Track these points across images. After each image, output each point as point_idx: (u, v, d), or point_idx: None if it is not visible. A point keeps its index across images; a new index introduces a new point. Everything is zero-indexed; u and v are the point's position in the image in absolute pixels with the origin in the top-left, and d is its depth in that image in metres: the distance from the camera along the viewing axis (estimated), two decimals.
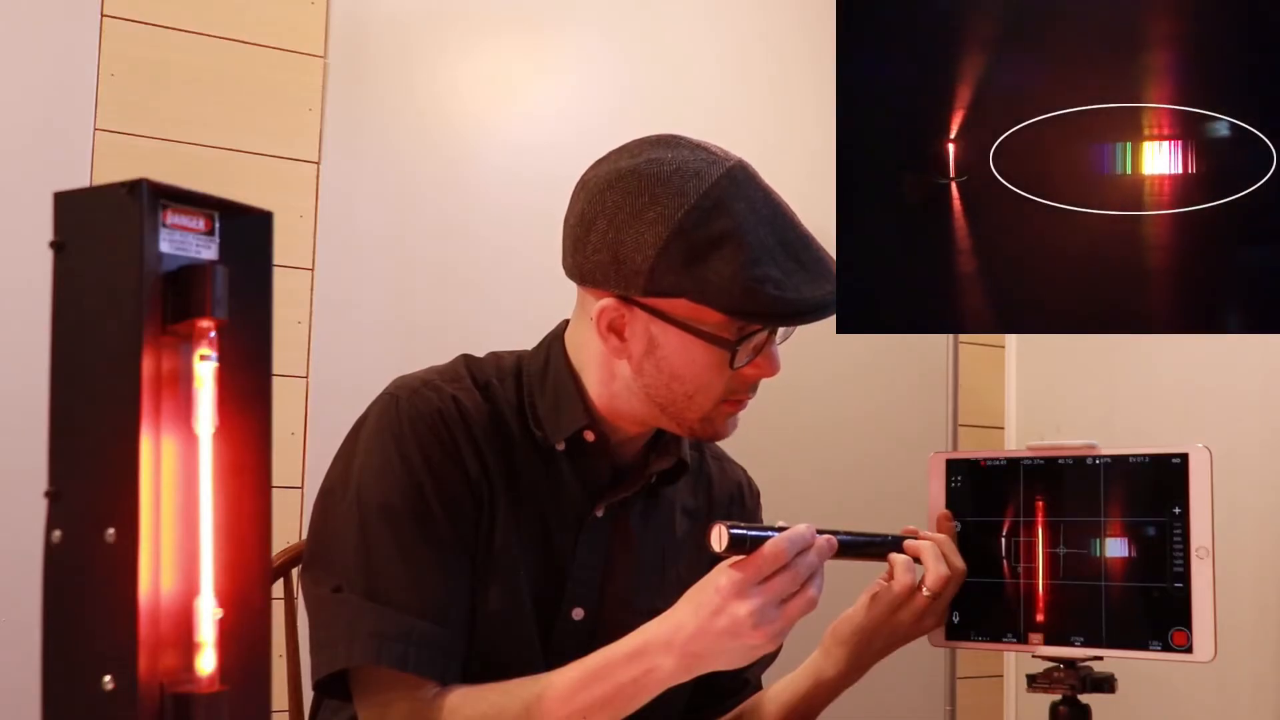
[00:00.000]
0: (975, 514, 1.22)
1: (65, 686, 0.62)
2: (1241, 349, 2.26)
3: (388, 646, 1.08)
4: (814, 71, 2.33)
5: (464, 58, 2.25)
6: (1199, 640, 1.10)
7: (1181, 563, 1.12)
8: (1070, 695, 1.15)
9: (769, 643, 1.02)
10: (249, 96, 2.05)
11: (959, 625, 1.21)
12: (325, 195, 2.10)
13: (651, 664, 1.04)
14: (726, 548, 1.01)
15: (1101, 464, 1.17)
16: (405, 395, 1.17)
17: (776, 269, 1.09)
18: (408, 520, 1.12)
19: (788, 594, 1.02)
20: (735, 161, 1.14)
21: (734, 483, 1.35)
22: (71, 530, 0.62)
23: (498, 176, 2.22)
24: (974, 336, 2.77)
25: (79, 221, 0.64)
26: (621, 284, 1.11)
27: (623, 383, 1.17)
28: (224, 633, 0.64)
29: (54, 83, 1.92)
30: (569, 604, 1.20)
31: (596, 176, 1.15)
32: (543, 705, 1.06)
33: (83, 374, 0.63)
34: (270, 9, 2.08)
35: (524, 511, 1.18)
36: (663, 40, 2.43)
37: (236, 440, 0.66)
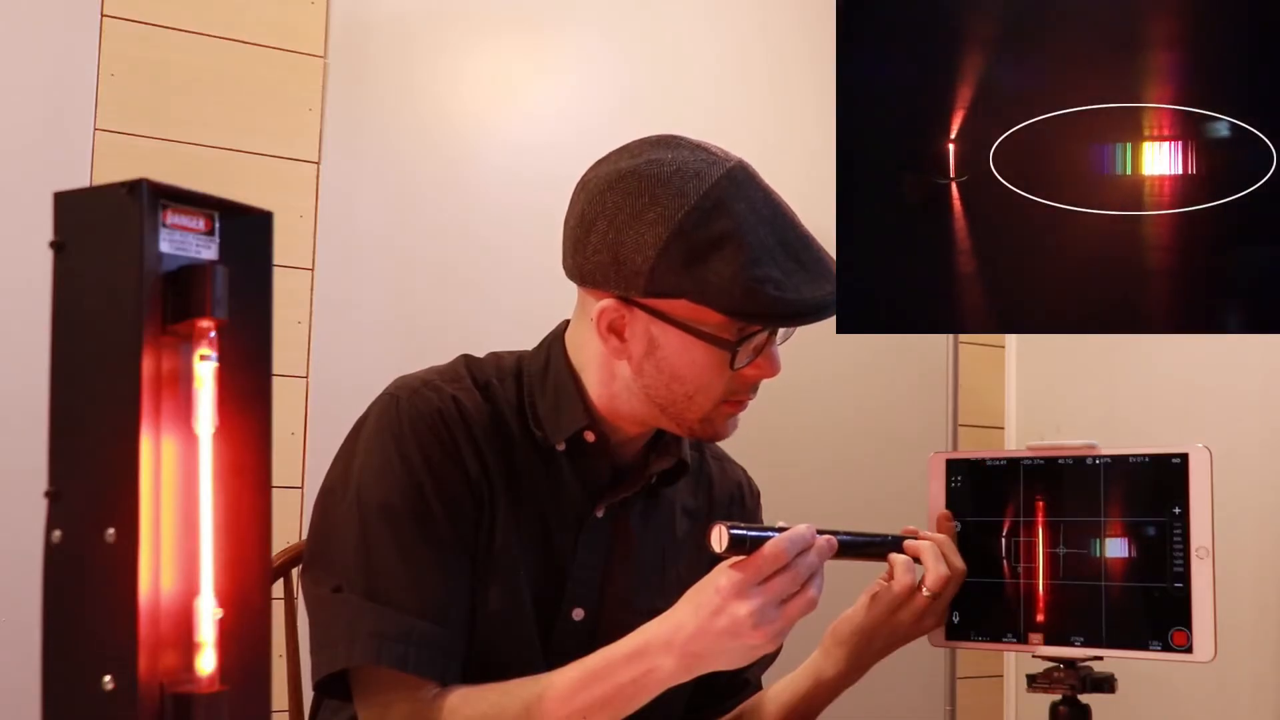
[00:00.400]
0: (975, 514, 1.22)
1: (65, 686, 0.62)
2: (1241, 349, 2.26)
3: (388, 647, 1.08)
4: (814, 71, 2.32)
5: (464, 58, 2.25)
6: (1199, 640, 1.10)
7: (1181, 563, 1.12)
8: (1070, 695, 1.15)
9: (769, 643, 1.03)
10: (249, 96, 2.05)
11: (959, 625, 1.21)
12: (325, 195, 2.10)
13: (652, 664, 1.04)
14: (726, 548, 1.01)
15: (1101, 464, 1.17)
16: (405, 395, 1.17)
17: (777, 269, 1.09)
18: (408, 520, 1.12)
19: (788, 594, 1.02)
20: (735, 162, 1.14)
21: (734, 483, 1.35)
22: (71, 530, 0.62)
23: (498, 176, 2.22)
24: (974, 336, 2.77)
25: (79, 221, 0.64)
26: (622, 285, 1.11)
27: (623, 383, 1.17)
28: (224, 633, 0.64)
29: (54, 83, 1.92)
30: (569, 604, 1.20)
31: (597, 177, 1.15)
32: (543, 705, 1.06)
33: (83, 374, 0.63)
34: (270, 9, 2.08)
35: (524, 512, 1.18)
36: (663, 40, 2.42)
37: (236, 440, 0.66)
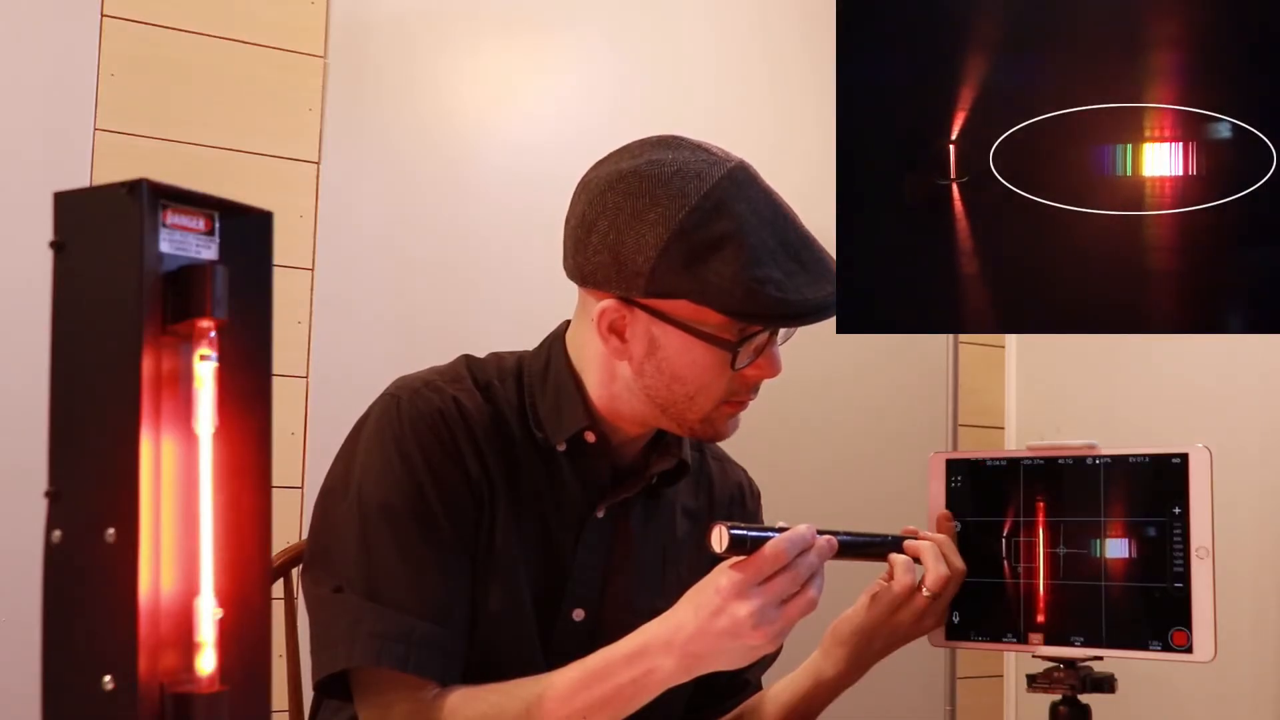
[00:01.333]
0: (975, 514, 1.22)
1: (65, 686, 0.62)
2: (1241, 349, 2.26)
3: (388, 647, 1.08)
4: (814, 71, 2.32)
5: (464, 58, 2.25)
6: (1199, 640, 1.10)
7: (1181, 563, 1.12)
8: (1070, 695, 1.15)
9: (769, 643, 1.02)
10: (249, 96, 2.05)
11: (959, 625, 1.21)
12: (325, 195, 2.10)
13: (651, 664, 1.04)
14: (727, 548, 1.01)
15: (1101, 464, 1.16)
16: (406, 396, 1.17)
17: (778, 270, 1.09)
18: (408, 520, 1.12)
19: (788, 595, 1.02)
20: (736, 162, 1.14)
21: (734, 483, 1.35)
22: (71, 530, 0.62)
23: (498, 176, 2.22)
24: (974, 336, 2.77)
25: (79, 221, 0.64)
26: (622, 285, 1.11)
27: (623, 384, 1.17)
28: (224, 633, 0.64)
29: (54, 83, 1.92)
30: (569, 605, 1.20)
31: (597, 177, 1.15)
32: (543, 706, 1.06)
33: (83, 374, 0.63)
34: (270, 9, 2.08)
35: (524, 512, 1.18)
36: (663, 40, 2.42)
37: (236, 440, 0.66)
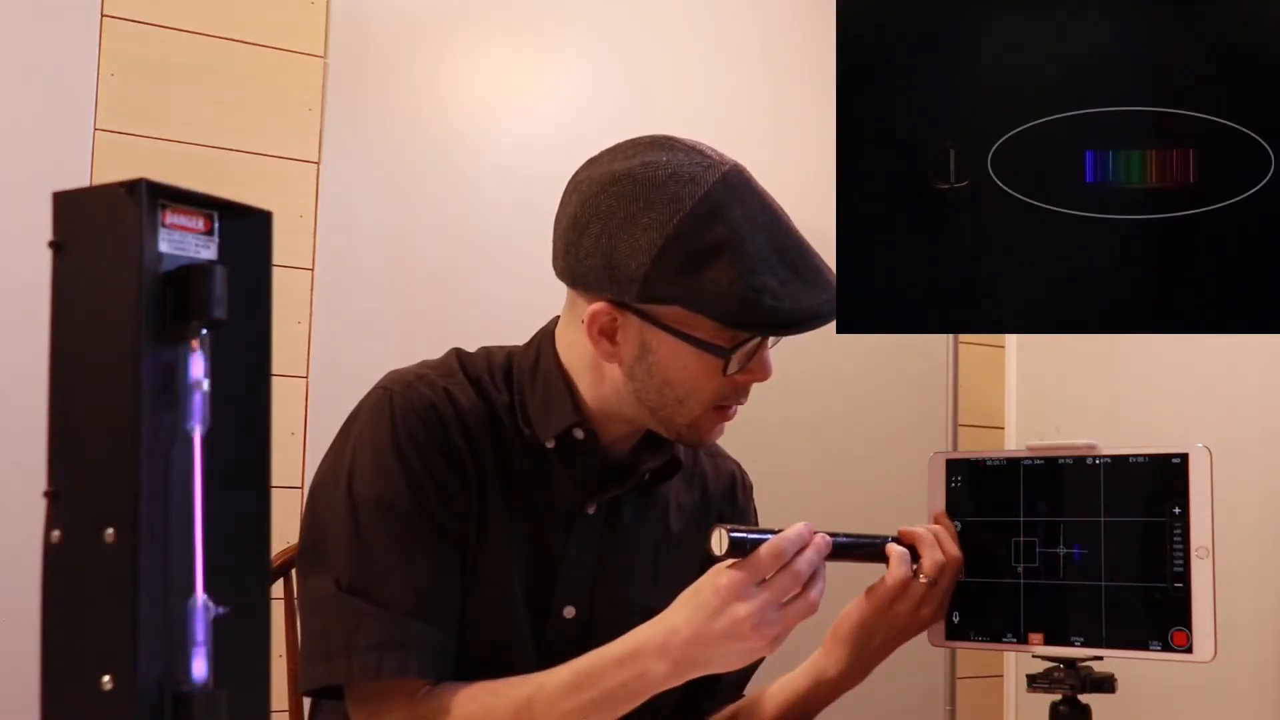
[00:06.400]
0: (975, 514, 1.22)
1: (65, 686, 0.62)
2: (1241, 349, 2.26)
3: (387, 657, 1.08)
4: (814, 72, 2.32)
5: (464, 58, 2.25)
6: (1199, 640, 1.10)
7: (1181, 563, 1.11)
8: (1070, 695, 1.15)
9: (767, 647, 1.02)
10: (249, 96, 2.05)
11: (959, 625, 1.21)
12: (325, 195, 2.10)
13: (643, 668, 1.04)
14: (727, 551, 1.01)
15: (1101, 464, 1.16)
16: (399, 389, 1.16)
17: (773, 278, 1.08)
18: (401, 514, 1.12)
19: (789, 595, 1.02)
20: (731, 166, 1.13)
21: (728, 475, 1.35)
22: (71, 530, 0.62)
23: (498, 176, 2.22)
24: (974, 336, 2.77)
25: (78, 221, 0.64)
26: (614, 289, 1.10)
27: (613, 386, 1.16)
28: (223, 633, 0.64)
29: (54, 83, 1.92)
30: (560, 602, 1.19)
31: (590, 178, 1.14)
32: (533, 708, 1.06)
33: (82, 374, 0.63)
34: (270, 9, 2.08)
35: (516, 507, 1.17)
36: (663, 40, 2.42)
37: (236, 440, 0.66)
